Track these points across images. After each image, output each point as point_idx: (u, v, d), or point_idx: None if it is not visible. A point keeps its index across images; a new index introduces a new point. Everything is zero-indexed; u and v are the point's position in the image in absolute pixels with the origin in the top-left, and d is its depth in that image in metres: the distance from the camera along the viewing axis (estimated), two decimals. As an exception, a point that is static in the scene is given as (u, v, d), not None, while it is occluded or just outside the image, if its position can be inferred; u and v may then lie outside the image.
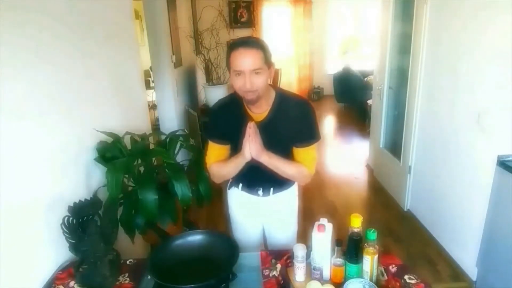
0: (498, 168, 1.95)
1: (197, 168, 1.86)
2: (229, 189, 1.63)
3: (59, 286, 1.25)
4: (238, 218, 1.64)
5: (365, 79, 6.21)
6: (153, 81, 4.04)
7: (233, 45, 1.23)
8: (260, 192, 1.53)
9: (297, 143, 1.39)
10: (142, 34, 5.01)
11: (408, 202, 3.12)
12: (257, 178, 1.47)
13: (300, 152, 1.41)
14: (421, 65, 2.75)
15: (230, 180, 1.61)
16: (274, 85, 1.45)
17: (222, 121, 1.42)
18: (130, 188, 1.77)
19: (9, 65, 1.12)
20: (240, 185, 1.56)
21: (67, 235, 1.19)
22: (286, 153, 1.41)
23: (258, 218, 1.63)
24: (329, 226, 1.20)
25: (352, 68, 6.54)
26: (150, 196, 1.54)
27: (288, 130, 1.36)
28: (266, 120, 1.35)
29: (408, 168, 3.03)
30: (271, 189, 1.53)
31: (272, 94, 1.37)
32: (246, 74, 1.20)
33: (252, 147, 1.25)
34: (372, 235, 1.14)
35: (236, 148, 1.37)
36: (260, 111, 1.36)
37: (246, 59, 1.19)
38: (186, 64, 4.40)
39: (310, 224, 1.24)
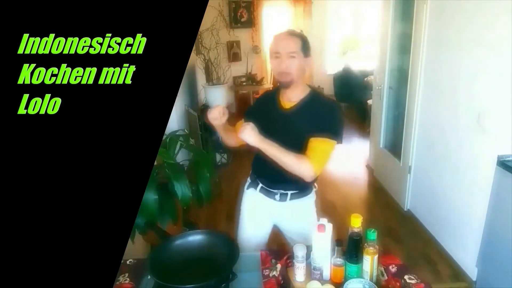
0: (498, 168, 1.95)
1: (197, 168, 1.86)
2: (247, 189, 1.63)
3: (59, 286, 1.25)
4: (248, 218, 1.63)
5: (365, 79, 6.20)
6: (153, 81, 4.03)
7: (277, 33, 1.39)
8: (277, 196, 1.52)
9: (312, 135, 1.33)
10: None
11: (408, 202, 3.12)
12: (276, 178, 1.44)
13: (311, 142, 1.32)
14: (421, 65, 2.75)
15: (249, 181, 1.61)
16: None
17: (257, 104, 1.66)
18: (130, 188, 1.76)
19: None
20: (259, 186, 1.55)
21: (67, 235, 1.18)
22: (303, 151, 1.34)
23: (269, 221, 1.63)
24: (329, 226, 1.20)
25: (352, 68, 6.54)
26: (150, 196, 1.55)
27: (310, 126, 1.35)
28: (293, 110, 1.41)
29: (408, 168, 3.03)
30: (289, 193, 1.51)
31: (307, 91, 1.43)
32: (282, 56, 1.32)
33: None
34: (372, 235, 1.14)
35: (260, 129, 1.35)
36: (290, 100, 1.42)
37: (284, 42, 1.34)
38: (186, 64, 4.39)
39: (310, 224, 1.23)
